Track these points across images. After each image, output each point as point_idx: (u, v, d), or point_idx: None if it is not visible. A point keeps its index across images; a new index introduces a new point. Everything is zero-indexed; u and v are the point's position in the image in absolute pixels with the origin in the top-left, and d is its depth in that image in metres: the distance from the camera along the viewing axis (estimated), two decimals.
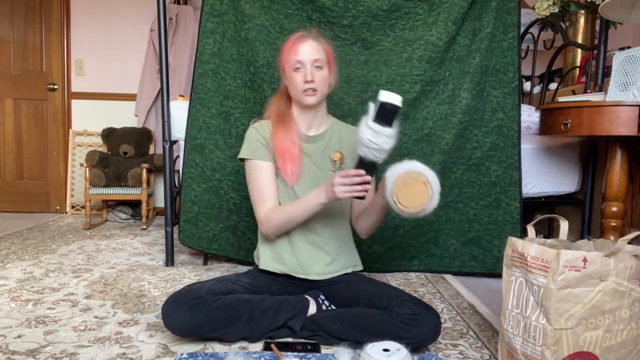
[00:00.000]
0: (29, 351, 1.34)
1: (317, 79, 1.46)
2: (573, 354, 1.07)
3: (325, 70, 1.49)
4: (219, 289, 1.43)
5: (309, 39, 1.49)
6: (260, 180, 1.51)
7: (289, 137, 1.50)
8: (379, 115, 1.23)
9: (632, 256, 1.10)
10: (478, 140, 2.10)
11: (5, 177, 3.89)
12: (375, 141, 1.24)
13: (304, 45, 1.47)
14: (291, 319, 1.43)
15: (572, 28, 2.71)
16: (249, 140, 1.54)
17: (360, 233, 1.62)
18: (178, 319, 1.35)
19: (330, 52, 1.54)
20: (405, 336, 1.30)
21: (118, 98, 3.88)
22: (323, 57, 1.49)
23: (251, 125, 1.57)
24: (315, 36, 1.52)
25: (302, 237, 1.54)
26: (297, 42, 1.48)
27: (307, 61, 1.46)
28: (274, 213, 1.48)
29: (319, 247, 1.55)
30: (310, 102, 1.48)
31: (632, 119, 1.64)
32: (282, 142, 1.50)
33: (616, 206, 1.83)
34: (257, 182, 1.51)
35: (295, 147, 1.50)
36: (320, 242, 1.55)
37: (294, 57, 1.47)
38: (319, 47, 1.49)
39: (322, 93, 1.50)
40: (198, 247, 2.26)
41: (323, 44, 1.52)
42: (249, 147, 1.53)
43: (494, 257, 2.14)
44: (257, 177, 1.51)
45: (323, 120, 1.59)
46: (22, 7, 3.75)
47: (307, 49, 1.46)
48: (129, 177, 3.40)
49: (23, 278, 2.04)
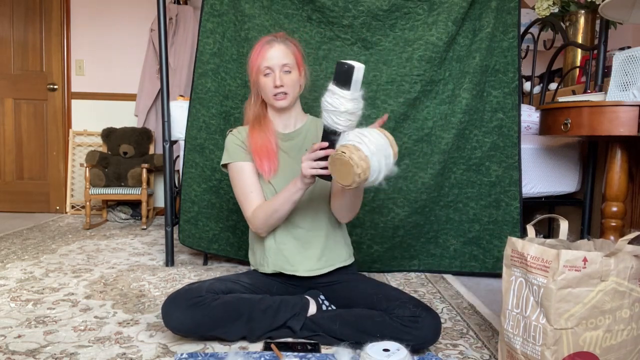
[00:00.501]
0: (29, 351, 1.34)
1: (286, 82, 1.49)
2: (573, 354, 1.07)
3: (294, 73, 1.51)
4: (219, 288, 1.44)
5: (276, 43, 1.51)
6: (243, 181, 1.53)
7: (264, 136, 1.53)
8: (336, 77, 1.23)
9: (632, 256, 1.10)
10: (478, 140, 2.10)
11: (5, 177, 3.89)
12: (331, 102, 1.23)
13: (271, 51, 1.49)
14: (291, 319, 1.43)
15: (572, 28, 2.71)
16: (227, 146, 1.57)
17: (339, 217, 1.58)
18: (178, 318, 1.35)
19: (298, 54, 1.55)
20: (406, 338, 1.30)
21: (118, 98, 3.88)
22: (292, 61, 1.51)
23: (228, 133, 1.61)
24: (282, 40, 1.53)
25: (287, 232, 1.54)
26: (265, 47, 1.50)
27: (276, 66, 1.48)
28: (259, 209, 1.50)
29: (306, 241, 1.54)
30: (282, 105, 1.51)
31: (632, 119, 1.64)
32: (257, 141, 1.53)
33: (616, 206, 1.83)
34: (240, 183, 1.54)
35: (271, 144, 1.53)
36: (305, 236, 1.54)
37: (263, 63, 1.49)
38: (287, 50, 1.51)
39: (293, 96, 1.52)
40: (198, 247, 2.26)
41: (291, 47, 1.53)
42: (227, 152, 1.57)
43: (494, 257, 2.14)
44: (240, 178, 1.54)
45: (299, 118, 1.62)
46: (22, 7, 3.75)
47: (275, 54, 1.48)
48: (129, 177, 3.40)
49: (23, 278, 2.04)
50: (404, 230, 2.14)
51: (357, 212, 1.56)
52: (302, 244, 1.55)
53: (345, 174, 1.15)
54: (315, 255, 1.55)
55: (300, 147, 1.59)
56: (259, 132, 1.54)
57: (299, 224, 1.55)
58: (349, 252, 1.65)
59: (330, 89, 1.24)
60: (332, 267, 1.57)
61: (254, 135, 1.54)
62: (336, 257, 1.59)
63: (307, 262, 1.54)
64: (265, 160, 1.52)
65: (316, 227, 1.56)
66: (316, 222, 1.56)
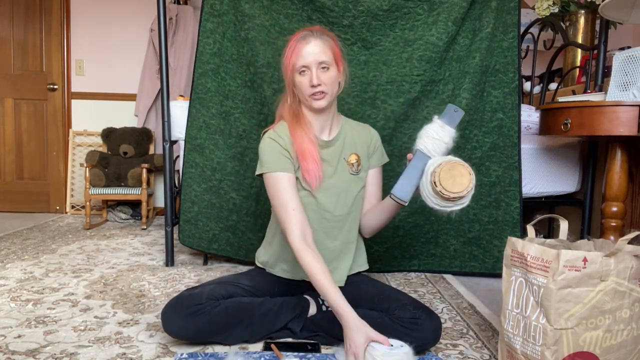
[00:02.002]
0: (29, 351, 1.34)
1: (324, 81, 1.37)
2: (573, 354, 1.07)
3: (332, 70, 1.40)
4: (220, 294, 1.41)
5: (312, 38, 1.39)
6: (284, 195, 1.37)
7: (307, 138, 1.41)
8: (446, 117, 1.37)
9: (632, 256, 1.10)
10: (478, 140, 2.10)
11: (5, 177, 3.89)
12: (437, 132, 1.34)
13: (307, 47, 1.37)
14: (291, 321, 1.42)
15: (572, 28, 2.71)
16: (267, 153, 1.41)
17: (364, 232, 1.58)
18: (178, 325, 1.34)
19: (337, 49, 1.43)
20: (406, 340, 1.29)
21: (118, 98, 3.88)
22: (329, 57, 1.39)
23: (263, 137, 1.45)
24: (319, 34, 1.41)
25: (320, 243, 1.45)
26: (300, 44, 1.38)
27: (312, 64, 1.37)
28: (305, 254, 1.31)
29: (341, 251, 1.52)
30: (320, 105, 1.40)
31: (632, 119, 1.64)
32: (302, 144, 1.40)
33: (616, 206, 1.83)
34: (280, 197, 1.38)
35: (315, 148, 1.42)
36: (340, 247, 1.51)
37: (298, 62, 1.37)
38: (324, 46, 1.39)
39: (331, 95, 1.41)
40: (198, 247, 2.26)
41: (328, 41, 1.41)
42: (267, 159, 1.41)
43: (494, 257, 2.14)
44: (280, 191, 1.38)
45: (336, 120, 1.52)
46: (22, 7, 3.75)
47: (311, 50, 1.37)
48: (129, 177, 3.40)
49: (23, 278, 2.04)
50: (404, 230, 2.14)
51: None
52: (336, 256, 1.52)
53: (458, 183, 1.23)
54: (347, 267, 1.53)
55: (339, 155, 1.50)
56: (301, 132, 1.41)
57: (336, 237, 1.50)
58: (365, 257, 1.65)
59: (438, 122, 1.35)
60: (353, 272, 1.57)
61: (297, 135, 1.41)
62: (356, 264, 1.59)
63: (337, 273, 1.51)
64: (312, 165, 1.40)
65: (350, 240, 1.53)
66: (351, 234, 1.53)
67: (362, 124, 1.64)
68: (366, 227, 1.57)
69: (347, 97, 2.06)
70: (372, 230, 1.57)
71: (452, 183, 1.23)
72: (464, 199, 1.26)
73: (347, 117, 2.03)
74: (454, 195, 1.23)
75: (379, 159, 1.59)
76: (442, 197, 1.25)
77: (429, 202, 1.29)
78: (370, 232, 1.58)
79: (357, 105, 2.06)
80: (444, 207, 1.28)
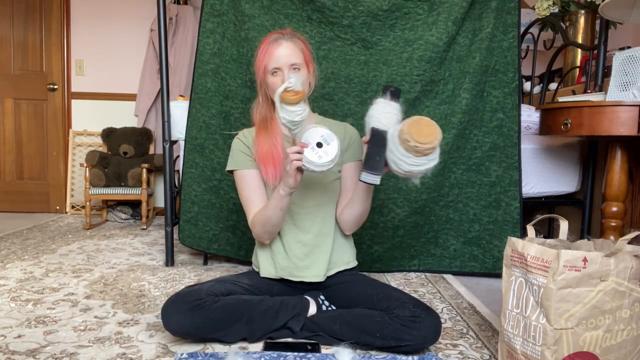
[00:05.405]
0: (29, 351, 1.34)
1: None
2: (573, 354, 1.07)
3: (303, 71, 1.46)
4: (219, 290, 1.42)
5: (284, 41, 1.45)
6: (246, 189, 1.53)
7: (270, 142, 1.50)
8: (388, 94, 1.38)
9: (632, 256, 1.10)
10: (478, 140, 2.10)
11: (5, 177, 3.89)
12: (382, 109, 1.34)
13: (279, 50, 1.44)
14: (291, 320, 1.42)
15: (572, 28, 2.71)
16: (232, 152, 1.56)
17: (345, 228, 1.57)
18: (178, 321, 1.34)
19: (307, 51, 1.50)
20: (406, 338, 1.30)
21: (118, 98, 3.88)
22: (300, 59, 1.46)
23: (236, 136, 1.58)
24: (290, 37, 1.47)
25: (293, 237, 1.53)
26: (272, 46, 1.45)
27: (284, 66, 1.43)
28: (255, 217, 1.50)
29: (315, 245, 1.54)
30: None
31: (632, 119, 1.64)
32: (263, 147, 1.50)
33: (616, 206, 1.83)
34: (243, 192, 1.54)
35: (277, 150, 1.49)
36: (314, 241, 1.53)
37: (270, 64, 1.44)
38: (295, 48, 1.46)
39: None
40: (198, 247, 2.26)
41: (299, 44, 1.48)
42: (232, 158, 1.56)
43: (494, 257, 2.14)
44: (243, 186, 1.53)
45: (308, 121, 1.56)
46: (22, 7, 3.75)
47: (283, 52, 1.43)
48: (129, 177, 3.40)
49: (23, 278, 2.04)
50: (404, 230, 2.14)
51: (361, 224, 1.57)
52: (310, 249, 1.54)
53: (427, 133, 1.24)
54: (324, 261, 1.54)
55: None
56: (265, 136, 1.51)
57: (308, 229, 1.53)
58: (353, 254, 1.65)
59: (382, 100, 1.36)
60: (337, 270, 1.57)
61: (260, 140, 1.51)
62: (341, 261, 1.59)
63: (315, 268, 1.53)
64: (271, 167, 1.49)
65: (325, 232, 1.55)
66: (325, 226, 1.55)
67: (340, 123, 1.66)
68: (343, 224, 1.56)
69: (347, 97, 2.06)
70: (351, 221, 1.55)
71: (425, 133, 1.24)
72: (436, 152, 1.26)
73: (347, 117, 2.04)
74: (429, 145, 1.23)
75: (354, 155, 1.59)
76: (417, 152, 1.23)
77: (403, 166, 1.26)
78: (349, 225, 1.56)
79: (357, 105, 2.06)
80: (418, 165, 1.25)
